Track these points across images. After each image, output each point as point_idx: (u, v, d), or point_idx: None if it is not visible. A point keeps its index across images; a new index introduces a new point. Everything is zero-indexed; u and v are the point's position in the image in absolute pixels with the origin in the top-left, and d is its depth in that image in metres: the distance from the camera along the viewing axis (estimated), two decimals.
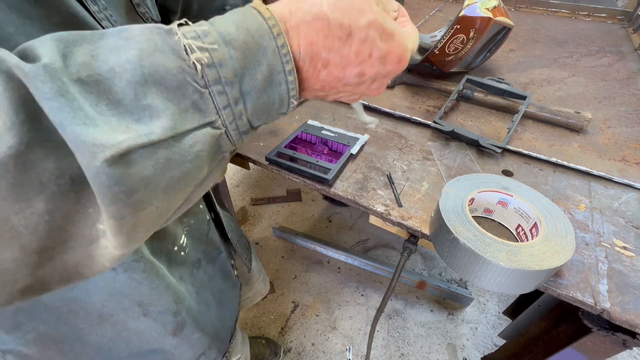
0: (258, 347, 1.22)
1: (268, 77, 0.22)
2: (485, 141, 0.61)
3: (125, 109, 0.18)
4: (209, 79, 0.20)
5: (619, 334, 0.42)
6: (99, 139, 0.17)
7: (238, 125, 0.22)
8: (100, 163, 0.17)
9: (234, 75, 0.21)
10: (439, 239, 0.44)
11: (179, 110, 0.20)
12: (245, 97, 0.22)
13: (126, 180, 0.18)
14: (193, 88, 0.20)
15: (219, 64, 0.20)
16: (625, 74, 0.93)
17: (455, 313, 1.38)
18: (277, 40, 0.22)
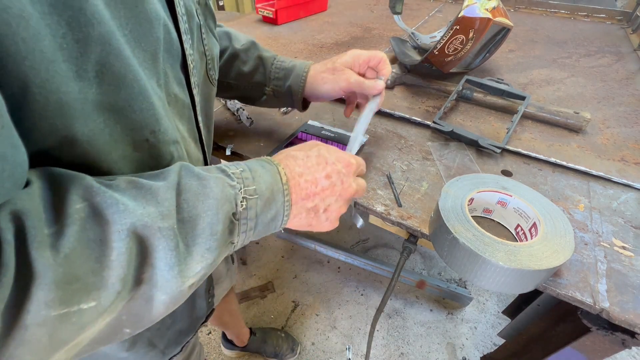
0: (277, 339, 1.23)
1: (274, 216, 0.33)
2: (484, 141, 0.61)
3: (203, 241, 0.27)
4: (241, 216, 0.30)
5: (618, 333, 0.42)
6: (190, 272, 0.27)
7: (243, 243, 0.33)
8: (187, 287, 0.27)
9: (255, 215, 0.32)
10: (438, 239, 0.44)
11: (225, 234, 0.29)
12: (256, 228, 0.32)
13: (191, 290, 0.29)
14: (233, 223, 0.30)
15: (250, 208, 0.31)
16: (624, 74, 0.93)
17: (454, 312, 1.38)
18: (285, 197, 0.34)
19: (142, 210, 0.24)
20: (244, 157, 0.62)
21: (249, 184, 0.31)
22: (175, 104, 0.34)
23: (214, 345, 1.29)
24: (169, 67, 0.32)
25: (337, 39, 1.13)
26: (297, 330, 1.32)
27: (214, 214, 0.28)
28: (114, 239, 0.22)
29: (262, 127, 0.68)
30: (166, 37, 0.30)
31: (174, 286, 0.26)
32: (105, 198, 0.23)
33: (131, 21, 0.26)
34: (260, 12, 1.24)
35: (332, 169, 0.36)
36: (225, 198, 0.29)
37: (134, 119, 0.27)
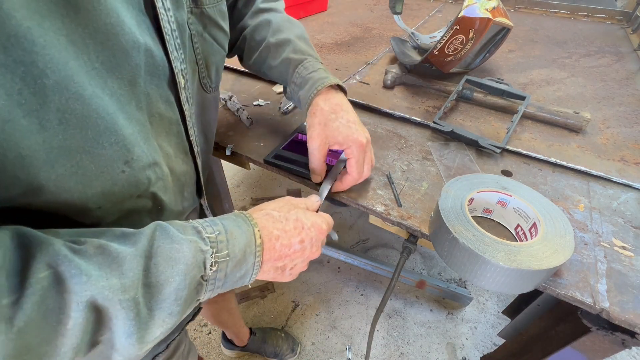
0: (277, 339, 1.23)
1: (242, 275, 0.34)
2: (484, 141, 0.61)
3: (166, 306, 0.27)
4: (209, 277, 0.31)
5: (618, 333, 0.42)
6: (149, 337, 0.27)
7: (209, 298, 0.33)
8: (144, 350, 0.28)
9: (224, 276, 0.32)
10: (438, 239, 0.44)
11: (191, 296, 0.29)
12: (223, 286, 0.33)
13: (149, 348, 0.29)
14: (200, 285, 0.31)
15: (220, 270, 0.32)
16: (624, 74, 0.93)
17: (454, 312, 1.38)
18: (256, 259, 0.35)
19: (104, 282, 0.24)
20: (244, 157, 0.62)
21: (222, 248, 0.31)
22: (160, 122, 0.34)
23: (214, 345, 1.28)
24: (152, 88, 0.32)
25: (337, 39, 1.13)
26: (297, 330, 1.32)
27: (181, 280, 0.28)
28: (73, 309, 0.22)
29: (262, 127, 0.68)
30: (148, 61, 0.30)
31: (131, 351, 0.26)
32: (70, 268, 0.23)
33: (102, 54, 0.25)
34: None
35: (306, 235, 0.38)
36: (196, 263, 0.29)
37: (105, 154, 0.27)
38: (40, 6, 0.21)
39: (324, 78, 0.50)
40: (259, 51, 0.56)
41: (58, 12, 0.22)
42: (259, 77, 0.87)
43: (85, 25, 0.24)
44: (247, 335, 1.19)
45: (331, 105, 0.48)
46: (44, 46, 0.21)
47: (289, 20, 0.58)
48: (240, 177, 1.94)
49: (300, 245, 0.38)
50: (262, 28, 0.56)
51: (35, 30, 0.21)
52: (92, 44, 0.25)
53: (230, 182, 1.90)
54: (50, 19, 0.22)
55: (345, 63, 0.95)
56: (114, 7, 0.26)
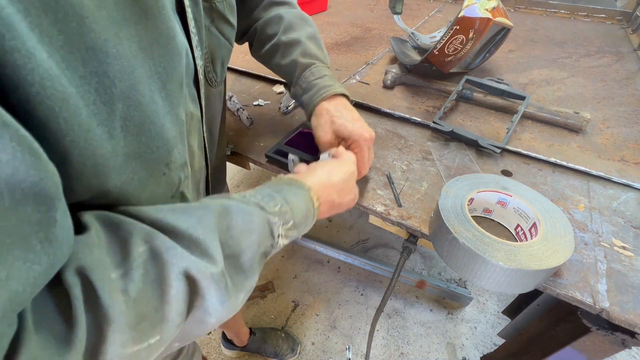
0: (277, 339, 1.23)
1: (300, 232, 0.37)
2: (484, 141, 0.61)
3: (244, 272, 0.30)
4: (277, 244, 0.34)
5: (617, 333, 0.42)
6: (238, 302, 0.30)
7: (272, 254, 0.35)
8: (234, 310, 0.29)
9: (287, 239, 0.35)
10: (438, 239, 0.44)
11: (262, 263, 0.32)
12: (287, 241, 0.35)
13: None
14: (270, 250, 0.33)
15: (285, 236, 0.34)
16: (624, 74, 0.93)
17: (454, 312, 1.38)
18: (315, 218, 0.38)
19: (196, 257, 0.26)
20: (244, 157, 0.62)
21: (288, 219, 0.34)
22: (191, 121, 0.35)
23: (214, 345, 1.28)
24: (186, 87, 0.33)
25: (337, 39, 1.13)
26: (297, 330, 1.32)
27: (254, 250, 0.30)
28: (172, 278, 0.24)
29: (262, 127, 0.68)
30: (187, 62, 0.31)
31: (224, 315, 0.28)
32: (163, 242, 0.24)
33: (164, 58, 0.26)
34: None
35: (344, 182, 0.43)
36: (267, 234, 0.32)
37: (153, 159, 0.28)
38: (117, 15, 0.22)
39: (329, 86, 0.52)
40: (269, 46, 0.56)
41: (132, 19, 0.23)
42: (259, 77, 0.87)
43: (153, 31, 0.25)
44: (247, 335, 1.19)
45: (335, 105, 0.51)
46: (115, 56, 0.22)
47: (302, 18, 0.58)
48: (241, 177, 1.94)
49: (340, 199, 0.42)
50: (274, 23, 0.56)
51: (111, 41, 0.22)
52: (157, 49, 0.25)
53: (230, 182, 1.90)
54: (125, 26, 0.22)
55: (345, 63, 0.95)
56: (169, 10, 0.26)
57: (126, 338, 0.21)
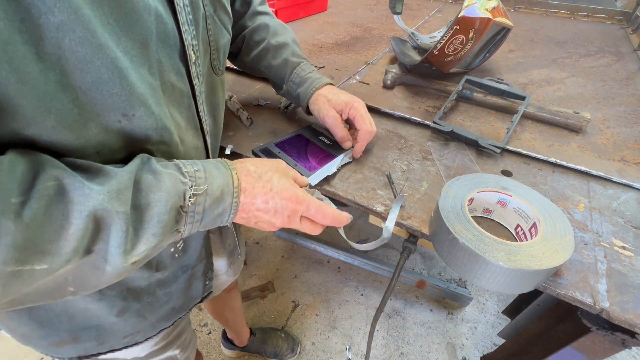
0: (277, 340, 1.23)
1: (220, 213, 0.36)
2: (484, 141, 0.61)
3: (149, 226, 0.31)
4: (189, 210, 0.34)
5: (618, 333, 0.42)
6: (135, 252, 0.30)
7: (190, 232, 0.36)
8: (130, 264, 0.30)
9: (202, 210, 0.35)
10: (438, 239, 0.44)
11: (171, 223, 0.32)
12: (202, 220, 0.36)
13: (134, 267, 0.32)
14: (180, 215, 0.33)
15: (198, 204, 0.34)
16: (624, 74, 0.93)
17: (454, 312, 1.38)
18: (234, 199, 0.37)
19: (104, 195, 0.27)
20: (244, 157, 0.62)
21: (201, 183, 0.34)
22: (172, 92, 0.36)
23: (214, 345, 1.29)
24: (164, 57, 0.34)
25: (337, 39, 1.13)
26: (297, 330, 1.32)
27: (163, 205, 0.31)
28: (75, 217, 0.26)
29: (262, 127, 0.68)
30: (159, 27, 0.32)
31: (119, 262, 0.29)
32: (74, 181, 0.26)
33: (115, 11, 0.27)
34: None
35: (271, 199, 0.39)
36: (175, 192, 0.32)
37: (103, 101, 0.29)
38: None
39: (319, 78, 0.61)
40: (258, 49, 0.63)
41: None
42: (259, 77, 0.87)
43: None
44: (247, 335, 1.19)
45: (328, 89, 0.61)
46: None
47: (283, 26, 0.66)
48: None
49: (264, 205, 0.39)
50: (262, 30, 0.63)
51: None
52: (107, 1, 0.26)
53: None
54: None
55: (345, 63, 0.95)
56: None
57: (8, 257, 0.23)
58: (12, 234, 0.23)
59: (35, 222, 0.24)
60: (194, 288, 0.56)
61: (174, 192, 0.32)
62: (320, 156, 0.59)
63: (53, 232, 0.25)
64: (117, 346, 0.50)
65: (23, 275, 0.25)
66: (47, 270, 0.26)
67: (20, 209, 0.23)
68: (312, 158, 0.58)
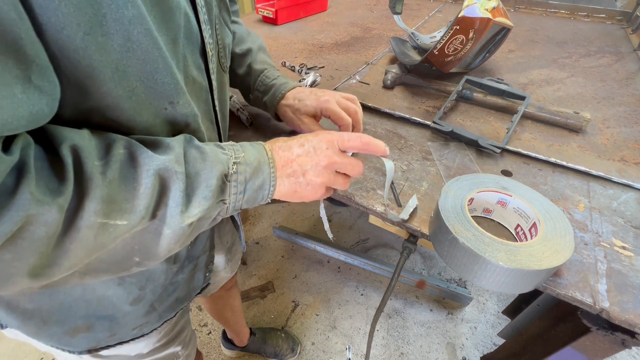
0: (277, 340, 1.23)
1: (261, 184, 0.39)
2: (484, 141, 0.61)
3: (201, 191, 0.33)
4: (232, 179, 0.36)
5: (618, 333, 0.42)
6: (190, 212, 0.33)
7: (235, 205, 0.38)
8: (187, 225, 0.33)
9: (244, 180, 0.37)
10: (438, 239, 0.44)
11: (218, 191, 0.35)
12: (245, 192, 0.38)
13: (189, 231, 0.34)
14: (226, 184, 0.36)
15: (240, 173, 0.37)
16: (624, 74, 0.93)
17: (454, 312, 1.38)
18: (271, 169, 0.39)
19: (164, 157, 0.31)
20: None
21: (239, 154, 0.37)
22: (193, 85, 0.39)
23: (214, 345, 1.29)
24: (188, 52, 0.36)
25: (337, 39, 1.13)
26: (297, 330, 1.32)
27: (209, 171, 0.34)
28: (143, 177, 0.29)
29: (262, 127, 0.68)
30: (186, 24, 0.34)
31: (177, 222, 0.32)
32: (140, 148, 0.30)
33: (155, 8, 0.30)
34: (260, 12, 1.24)
35: (305, 140, 0.42)
36: (218, 160, 0.35)
37: (157, 89, 0.32)
38: None
39: (285, 83, 0.60)
40: None
41: None
42: None
43: None
44: (247, 335, 1.19)
45: (294, 94, 0.59)
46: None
47: (249, 32, 0.66)
48: None
49: (301, 149, 0.41)
50: None
51: None
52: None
53: None
54: None
55: (345, 63, 0.95)
56: None
57: (99, 208, 0.27)
58: (101, 188, 0.27)
59: (114, 182, 0.28)
60: (196, 278, 0.57)
61: (217, 160, 0.35)
62: None
63: (128, 192, 0.29)
64: (125, 338, 0.51)
65: (109, 228, 0.28)
66: (126, 226, 0.29)
67: (104, 169, 0.27)
68: None
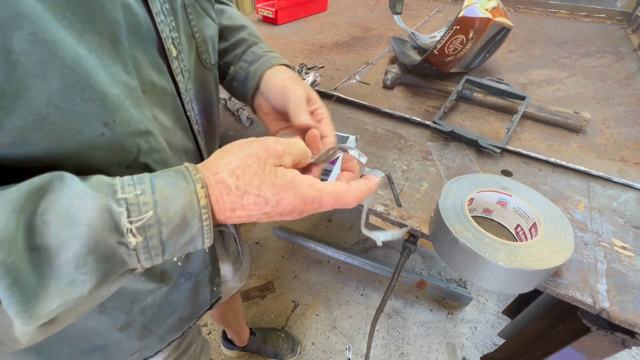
0: (277, 340, 1.23)
1: (189, 241, 0.27)
2: (484, 141, 0.61)
3: (64, 274, 0.22)
4: (139, 247, 0.25)
5: (617, 333, 0.42)
6: (41, 310, 0.22)
7: (154, 262, 0.27)
8: (33, 328, 0.22)
9: (159, 243, 0.26)
10: (438, 239, 0.44)
11: (109, 267, 0.24)
12: (165, 253, 0.27)
13: (49, 329, 0.24)
14: (125, 252, 0.25)
15: (150, 237, 0.25)
16: (624, 74, 0.93)
17: (454, 312, 1.38)
18: (204, 222, 0.27)
19: None
20: None
21: (146, 210, 0.25)
22: (153, 91, 0.32)
23: (214, 345, 1.29)
24: (140, 52, 0.30)
25: (337, 39, 1.13)
26: (297, 330, 1.32)
27: (82, 245, 0.22)
28: None
29: (262, 127, 0.68)
30: (129, 18, 0.28)
31: (24, 324, 0.22)
32: None
33: (71, 3, 0.23)
34: (260, 12, 1.24)
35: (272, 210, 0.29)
36: (104, 226, 0.23)
37: (78, 111, 0.24)
38: None
39: (278, 57, 0.48)
40: None
41: None
42: None
43: None
44: (247, 335, 1.19)
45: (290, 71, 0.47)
46: None
47: (241, 16, 0.56)
48: None
49: (265, 216, 0.30)
50: (218, 13, 0.52)
51: None
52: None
53: None
54: None
55: (345, 63, 0.95)
56: None
57: None
58: None
59: None
60: (201, 295, 0.52)
61: (101, 226, 0.23)
62: None
63: None
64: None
65: None
66: None
67: None
68: None
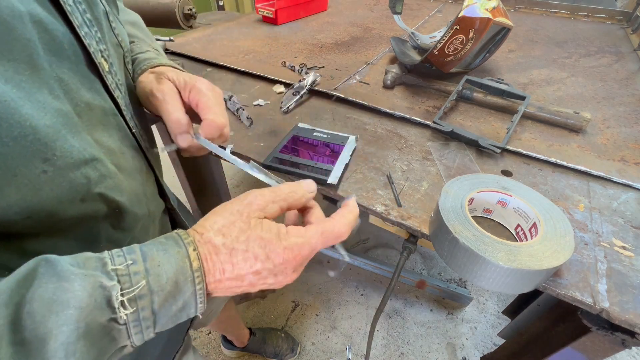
0: (277, 340, 1.23)
1: (181, 307, 0.26)
2: (484, 141, 0.61)
3: None
4: (129, 320, 0.23)
5: (618, 333, 0.42)
6: None
7: (145, 339, 0.25)
8: None
9: (151, 314, 0.24)
10: (438, 239, 0.44)
11: (100, 349, 0.22)
12: (157, 324, 0.25)
13: None
14: (115, 329, 0.23)
15: (142, 308, 0.23)
16: (624, 74, 0.93)
17: (454, 312, 1.38)
18: (197, 286, 0.26)
19: None
20: (244, 157, 0.62)
21: (138, 281, 0.24)
22: (90, 113, 0.29)
23: (214, 345, 1.28)
24: (65, 72, 0.27)
25: (337, 39, 1.13)
26: (297, 330, 1.32)
27: (72, 330, 0.21)
28: None
29: (262, 127, 0.68)
30: (43, 36, 0.25)
31: None
32: None
33: None
34: (260, 12, 1.24)
35: (262, 267, 0.28)
36: (95, 305, 0.22)
37: (11, 153, 0.22)
38: None
39: (155, 58, 0.43)
40: None
41: None
42: (259, 77, 0.87)
43: None
44: (247, 336, 1.19)
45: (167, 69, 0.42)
46: None
47: (123, 10, 0.50)
48: (240, 177, 1.94)
49: (256, 277, 0.29)
50: None
51: None
52: None
53: (230, 182, 1.90)
54: None
55: (345, 63, 0.95)
56: None
57: None
58: None
59: None
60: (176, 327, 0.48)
61: (92, 304, 0.22)
62: (326, 150, 0.60)
63: None
64: None
65: None
66: None
67: None
68: (321, 152, 0.59)
